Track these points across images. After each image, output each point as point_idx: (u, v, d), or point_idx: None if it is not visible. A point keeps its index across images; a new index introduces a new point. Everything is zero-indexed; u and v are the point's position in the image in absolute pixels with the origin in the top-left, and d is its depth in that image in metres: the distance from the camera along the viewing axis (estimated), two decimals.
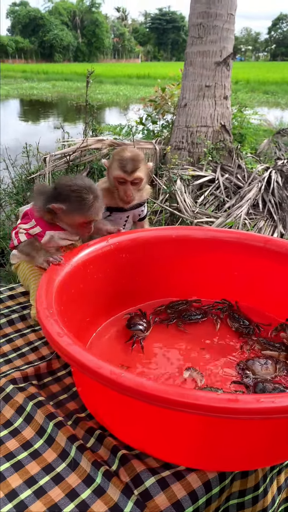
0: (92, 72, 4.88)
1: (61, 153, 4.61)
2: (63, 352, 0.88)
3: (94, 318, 1.37)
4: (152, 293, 1.51)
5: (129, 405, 0.93)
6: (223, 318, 1.45)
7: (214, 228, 1.48)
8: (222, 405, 0.75)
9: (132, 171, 1.49)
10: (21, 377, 1.22)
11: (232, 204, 4.43)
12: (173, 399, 0.76)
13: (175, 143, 4.96)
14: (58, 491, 0.93)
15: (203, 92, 4.78)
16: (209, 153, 4.74)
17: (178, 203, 3.98)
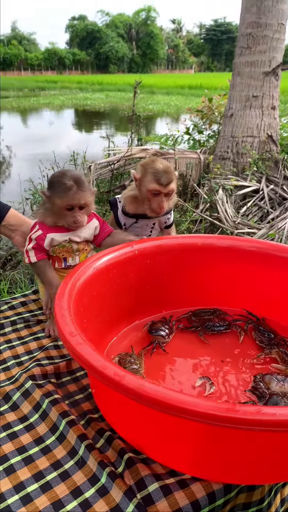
0: (139, 82, 4.98)
1: (106, 162, 4.72)
2: (72, 351, 0.90)
3: (115, 322, 1.39)
4: (175, 302, 1.51)
5: (135, 409, 0.94)
6: (248, 330, 1.43)
7: (242, 237, 1.46)
8: (220, 413, 0.74)
9: (168, 183, 1.50)
10: (41, 374, 1.26)
11: (276, 215, 4.33)
12: (171, 403, 0.76)
13: (220, 153, 4.93)
14: (63, 488, 0.95)
15: (250, 102, 4.73)
16: (254, 163, 4.67)
17: (218, 213, 3.94)
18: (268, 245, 1.45)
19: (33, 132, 12.77)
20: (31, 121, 15.83)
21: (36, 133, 12.30)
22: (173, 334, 1.40)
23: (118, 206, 1.62)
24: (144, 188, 1.51)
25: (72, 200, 1.40)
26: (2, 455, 1.03)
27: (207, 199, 3.97)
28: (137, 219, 1.62)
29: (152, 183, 1.49)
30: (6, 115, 16.98)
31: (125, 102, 20.13)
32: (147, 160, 1.59)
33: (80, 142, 5.71)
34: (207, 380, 1.20)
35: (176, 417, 0.79)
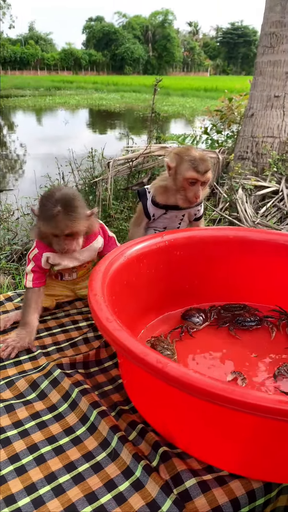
0: (160, 80, 4.94)
1: (125, 159, 4.69)
2: (111, 337, 0.87)
3: (145, 312, 1.35)
4: (204, 295, 1.47)
5: (172, 399, 0.90)
6: (280, 326, 1.38)
7: (274, 231, 1.42)
8: (271, 405, 0.70)
9: (205, 171, 1.46)
10: (69, 363, 1.23)
11: None
12: (218, 393, 0.72)
13: (239, 152, 4.88)
14: (97, 480, 0.92)
15: (272, 102, 4.67)
16: (274, 164, 4.61)
17: (238, 213, 3.89)
18: None
19: (49, 131, 12.82)
20: (46, 120, 15.91)
21: (51, 132, 12.34)
22: (207, 323, 1.38)
23: (148, 197, 1.58)
24: (180, 176, 1.47)
25: (55, 229, 1.28)
26: (31, 444, 1.00)
27: (227, 198, 3.92)
28: (167, 210, 1.58)
29: (190, 171, 1.45)
30: (21, 114, 17.09)
31: (140, 103, 20.13)
32: (180, 148, 1.55)
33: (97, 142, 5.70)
34: (239, 375, 1.16)
35: (219, 410, 0.76)
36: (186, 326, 1.35)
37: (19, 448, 0.99)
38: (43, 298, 1.45)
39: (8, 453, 0.98)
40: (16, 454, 0.97)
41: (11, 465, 0.95)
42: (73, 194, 1.31)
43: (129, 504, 0.86)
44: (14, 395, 1.15)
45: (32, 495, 0.89)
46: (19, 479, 0.92)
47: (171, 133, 8.54)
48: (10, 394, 1.15)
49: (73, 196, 1.30)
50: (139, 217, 1.62)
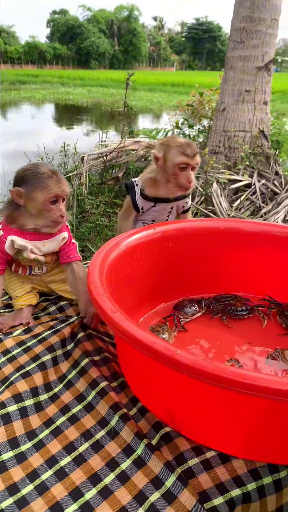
0: (132, 74, 4.94)
1: (99, 153, 4.66)
2: (117, 327, 0.88)
3: (139, 305, 1.36)
4: (197, 287, 1.50)
5: (178, 389, 0.92)
6: (271, 315, 1.42)
7: (263, 222, 1.45)
8: (283, 387, 0.72)
9: (194, 154, 1.49)
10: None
11: (268, 210, 4.37)
12: (229, 378, 0.74)
13: (212, 147, 4.94)
14: (98, 460, 0.92)
15: (243, 96, 4.74)
16: (246, 158, 4.70)
17: (213, 206, 3.95)
18: None
19: (15, 126, 12.54)
20: (12, 114, 15.55)
21: (18, 128, 12.08)
22: (200, 313, 1.40)
23: (136, 189, 1.59)
24: (170, 163, 1.49)
25: (57, 189, 1.26)
26: (29, 430, 0.99)
27: (202, 192, 3.97)
28: (156, 203, 1.59)
29: (179, 156, 1.47)
30: None
31: (108, 98, 20.00)
32: (165, 138, 1.57)
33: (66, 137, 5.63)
34: (236, 363, 1.19)
35: (224, 395, 0.78)
36: (178, 316, 1.37)
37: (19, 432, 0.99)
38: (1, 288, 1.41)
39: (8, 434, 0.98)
40: (15, 438, 0.97)
41: (11, 450, 0.94)
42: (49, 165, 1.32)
43: (133, 483, 0.88)
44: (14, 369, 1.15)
45: (34, 482, 0.88)
46: (20, 467, 0.91)
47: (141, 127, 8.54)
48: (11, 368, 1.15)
49: (50, 166, 1.32)
50: (127, 210, 1.62)
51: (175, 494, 0.84)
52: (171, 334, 1.30)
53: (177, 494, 0.84)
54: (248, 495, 0.88)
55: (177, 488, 0.85)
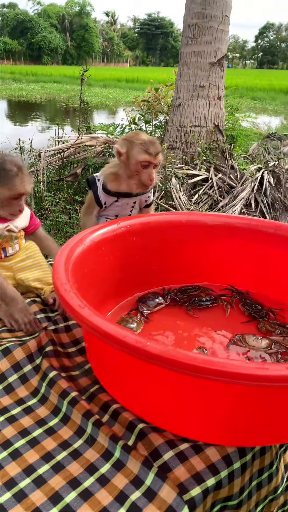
0: (87, 70, 4.89)
1: (56, 149, 4.59)
2: (86, 323, 0.87)
3: (104, 300, 1.36)
4: (162, 278, 1.51)
5: (145, 378, 0.92)
6: (234, 303, 1.46)
7: (224, 214, 1.49)
8: (251, 372, 0.74)
9: (157, 153, 1.48)
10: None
11: (226, 203, 4.47)
12: (200, 366, 0.76)
13: (169, 142, 4.97)
14: (77, 466, 0.92)
15: (197, 92, 4.81)
16: (203, 152, 4.77)
17: (173, 200, 3.99)
18: (251, 220, 1.49)
19: None
20: None
21: None
22: (163, 305, 1.42)
23: (98, 185, 1.58)
24: (133, 160, 1.48)
25: (20, 188, 1.33)
26: (4, 440, 0.97)
27: (161, 186, 3.99)
28: (118, 198, 1.58)
29: (142, 154, 1.46)
30: None
31: (62, 94, 19.69)
32: (129, 133, 1.56)
33: (20, 134, 5.50)
34: (203, 351, 1.22)
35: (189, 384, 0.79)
36: (141, 308, 1.38)
37: None
38: None
39: None
40: None
41: None
42: (16, 157, 1.38)
43: (113, 484, 0.88)
44: None
45: (12, 489, 0.87)
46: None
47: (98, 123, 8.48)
48: None
49: (17, 158, 1.38)
50: (90, 205, 1.61)
51: (155, 491, 0.85)
52: (139, 324, 1.31)
53: (157, 491, 0.85)
54: (221, 482, 0.90)
55: (157, 484, 0.86)
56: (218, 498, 0.92)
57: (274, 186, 4.68)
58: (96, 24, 75.48)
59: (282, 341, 1.27)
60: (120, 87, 25.00)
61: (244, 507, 0.98)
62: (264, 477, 1.01)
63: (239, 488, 0.95)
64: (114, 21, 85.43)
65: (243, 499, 0.97)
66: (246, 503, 0.98)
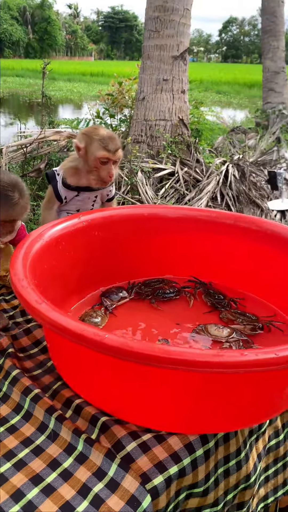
0: (48, 63, 4.82)
1: (18, 145, 4.51)
2: (44, 318, 0.86)
3: (67, 296, 1.35)
4: (125, 272, 1.51)
5: (105, 372, 0.93)
6: (197, 294, 1.47)
7: (185, 206, 1.50)
8: (208, 359, 0.76)
9: (116, 150, 1.46)
10: None
11: (192, 197, 4.50)
12: (158, 355, 0.76)
13: (134, 136, 4.97)
14: (39, 462, 0.91)
15: (161, 85, 4.81)
16: (168, 146, 4.79)
17: (140, 195, 3.99)
18: (211, 212, 1.51)
19: None
20: None
21: None
22: (127, 299, 1.42)
23: (57, 179, 1.55)
24: (91, 156, 1.46)
25: (18, 215, 1.28)
26: None
27: (128, 181, 3.99)
28: (79, 192, 1.57)
29: (100, 151, 1.45)
30: None
31: (25, 88, 19.31)
32: (88, 128, 1.54)
33: None
34: (166, 342, 1.23)
35: (156, 373, 0.80)
36: (105, 303, 1.38)
37: None
38: None
39: None
40: None
41: None
42: (17, 179, 1.29)
43: (76, 478, 0.88)
44: None
45: None
46: None
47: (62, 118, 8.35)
48: None
49: (18, 180, 1.29)
50: (50, 200, 1.58)
51: (118, 481, 0.86)
52: (103, 318, 1.31)
53: (120, 481, 0.86)
54: (184, 470, 0.91)
55: (120, 475, 0.86)
56: (183, 486, 0.93)
57: (238, 179, 4.75)
58: (58, 16, 74.10)
59: (243, 329, 1.30)
60: (85, 81, 24.74)
61: (211, 494, 0.99)
62: (231, 464, 1.03)
63: (204, 476, 0.96)
64: (77, 14, 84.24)
65: (209, 486, 0.98)
66: (213, 490, 0.99)
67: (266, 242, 1.41)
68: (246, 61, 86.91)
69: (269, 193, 4.94)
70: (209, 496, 0.99)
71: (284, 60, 9.91)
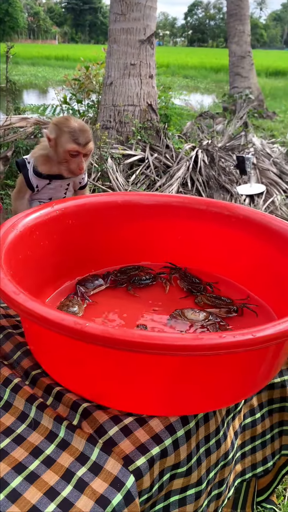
0: (11, 47, 4.68)
1: None
2: (23, 309, 0.86)
3: (42, 287, 1.33)
4: (103, 261, 1.51)
5: (84, 359, 0.94)
6: (172, 280, 1.49)
7: (158, 193, 1.51)
8: (188, 343, 0.78)
9: (86, 143, 1.44)
10: None
11: (163, 183, 4.52)
12: (138, 341, 0.77)
13: (103, 122, 4.92)
14: (21, 451, 0.91)
15: (129, 70, 4.77)
16: (138, 132, 4.77)
17: (110, 182, 3.97)
18: (184, 198, 1.52)
19: None
20: None
21: None
22: (103, 286, 1.42)
23: (28, 167, 1.53)
24: (61, 148, 1.44)
25: None
26: None
27: (98, 168, 3.95)
28: (51, 180, 1.55)
29: (70, 143, 1.43)
30: None
31: None
32: (59, 118, 1.51)
33: None
34: (143, 328, 1.24)
35: (135, 358, 0.82)
36: (80, 290, 1.38)
37: None
38: None
39: None
40: None
41: None
42: None
43: (59, 464, 0.89)
44: None
45: None
46: None
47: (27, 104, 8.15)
48: None
49: None
50: (21, 189, 1.56)
51: (101, 465, 0.87)
52: (80, 307, 1.31)
53: (103, 464, 0.87)
54: (165, 450, 0.94)
55: (102, 458, 0.88)
56: (166, 467, 0.96)
57: (208, 165, 4.79)
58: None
59: (219, 312, 1.33)
60: (50, 65, 24.17)
61: (195, 473, 1.02)
62: (211, 443, 1.06)
63: (186, 455, 0.99)
64: None
65: (192, 466, 1.01)
66: (196, 469, 1.02)
67: (239, 227, 1.44)
68: (212, 45, 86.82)
69: (238, 178, 5.00)
70: (193, 475, 1.02)
71: (250, 45, 9.96)
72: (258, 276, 1.42)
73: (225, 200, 4.55)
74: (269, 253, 1.36)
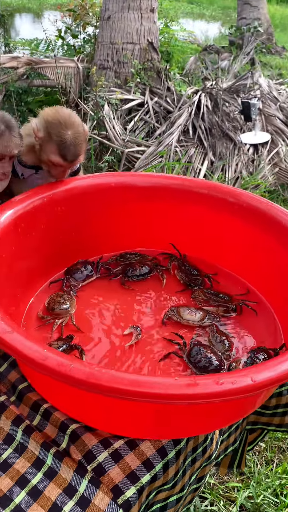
0: None
1: None
2: (2, 343, 0.78)
3: (32, 279, 1.26)
4: (96, 248, 1.41)
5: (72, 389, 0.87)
6: (171, 269, 1.41)
7: (156, 174, 1.38)
8: (181, 391, 0.71)
9: (73, 160, 1.26)
10: None
11: (163, 130, 4.27)
12: (127, 389, 0.71)
13: (100, 61, 4.55)
14: (7, 480, 0.88)
15: (128, 3, 4.33)
16: (137, 74, 4.43)
17: (107, 131, 3.74)
18: (184, 180, 1.39)
19: None
20: None
21: None
22: (92, 278, 1.34)
23: None
24: (45, 155, 1.26)
25: (4, 150, 1.16)
26: None
27: (93, 116, 3.70)
28: (37, 170, 1.38)
29: (56, 156, 1.23)
30: None
31: None
32: (52, 116, 1.26)
33: None
34: (135, 330, 1.18)
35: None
36: (69, 285, 1.30)
37: None
38: None
39: None
40: None
41: None
42: (7, 115, 1.20)
43: (46, 496, 0.85)
44: None
45: None
46: None
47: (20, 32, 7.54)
48: None
49: (8, 116, 1.20)
50: None
51: (89, 498, 0.84)
52: (72, 303, 1.24)
53: (91, 498, 0.84)
54: (155, 476, 0.90)
55: (91, 491, 0.84)
56: (154, 487, 0.93)
57: (211, 110, 4.51)
58: None
59: (216, 312, 1.26)
60: None
61: (179, 485, 1.00)
62: (198, 452, 1.03)
63: (174, 473, 0.96)
64: None
65: (177, 479, 0.98)
66: (180, 480, 1.00)
67: (242, 215, 1.33)
68: None
69: (242, 125, 4.73)
70: (177, 487, 1.00)
71: None
72: (259, 270, 1.33)
73: (228, 150, 4.35)
74: (272, 247, 1.27)
